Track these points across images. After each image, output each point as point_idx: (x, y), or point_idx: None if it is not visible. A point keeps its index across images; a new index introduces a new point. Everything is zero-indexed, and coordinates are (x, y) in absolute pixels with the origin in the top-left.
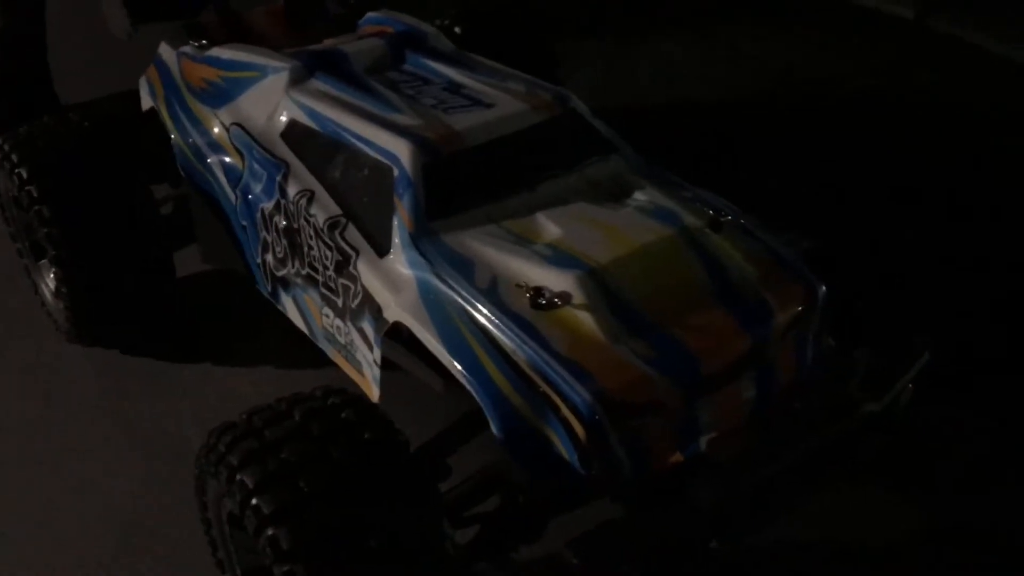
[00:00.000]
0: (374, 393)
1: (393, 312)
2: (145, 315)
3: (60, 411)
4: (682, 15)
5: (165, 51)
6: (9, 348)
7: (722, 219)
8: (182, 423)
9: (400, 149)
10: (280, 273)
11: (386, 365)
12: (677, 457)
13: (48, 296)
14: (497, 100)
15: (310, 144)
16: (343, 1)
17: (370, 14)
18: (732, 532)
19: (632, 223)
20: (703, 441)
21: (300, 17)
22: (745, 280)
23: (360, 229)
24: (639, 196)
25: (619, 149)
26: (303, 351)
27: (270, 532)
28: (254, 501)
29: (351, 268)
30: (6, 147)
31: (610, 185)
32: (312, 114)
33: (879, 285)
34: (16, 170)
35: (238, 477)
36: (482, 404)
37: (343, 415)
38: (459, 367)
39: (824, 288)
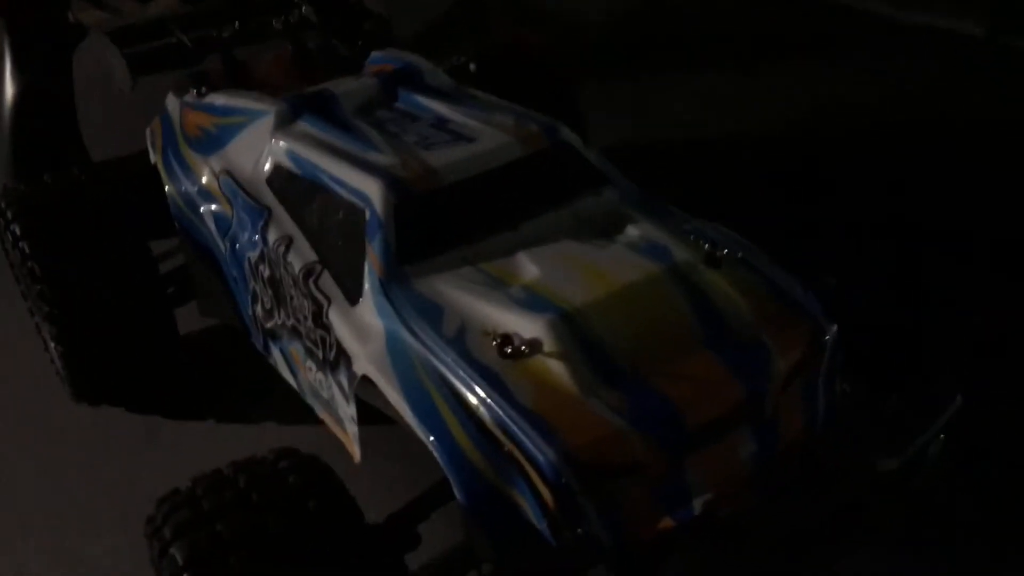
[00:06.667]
0: (355, 452)
1: (361, 365)
2: (146, 373)
3: (51, 471)
4: (720, 53)
5: (171, 101)
6: (16, 406)
7: (719, 253)
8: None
9: (371, 188)
10: (268, 325)
11: (381, 415)
12: (666, 523)
13: (55, 354)
14: (480, 134)
15: (291, 188)
16: (350, 43)
17: (375, 53)
18: None
19: (616, 260)
20: (697, 504)
21: (307, 62)
22: (740, 321)
23: (333, 276)
24: (631, 231)
25: (613, 182)
26: (306, 408)
27: None
28: None
29: (324, 318)
30: (2, 204)
31: (601, 220)
32: (293, 157)
33: (914, 326)
34: (10, 227)
35: (170, 551)
36: (444, 467)
37: (290, 480)
38: (421, 426)
39: (835, 328)
